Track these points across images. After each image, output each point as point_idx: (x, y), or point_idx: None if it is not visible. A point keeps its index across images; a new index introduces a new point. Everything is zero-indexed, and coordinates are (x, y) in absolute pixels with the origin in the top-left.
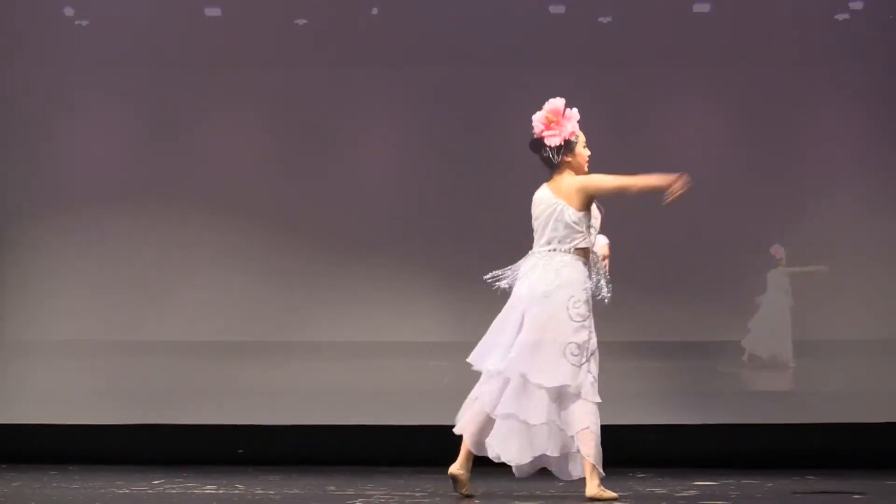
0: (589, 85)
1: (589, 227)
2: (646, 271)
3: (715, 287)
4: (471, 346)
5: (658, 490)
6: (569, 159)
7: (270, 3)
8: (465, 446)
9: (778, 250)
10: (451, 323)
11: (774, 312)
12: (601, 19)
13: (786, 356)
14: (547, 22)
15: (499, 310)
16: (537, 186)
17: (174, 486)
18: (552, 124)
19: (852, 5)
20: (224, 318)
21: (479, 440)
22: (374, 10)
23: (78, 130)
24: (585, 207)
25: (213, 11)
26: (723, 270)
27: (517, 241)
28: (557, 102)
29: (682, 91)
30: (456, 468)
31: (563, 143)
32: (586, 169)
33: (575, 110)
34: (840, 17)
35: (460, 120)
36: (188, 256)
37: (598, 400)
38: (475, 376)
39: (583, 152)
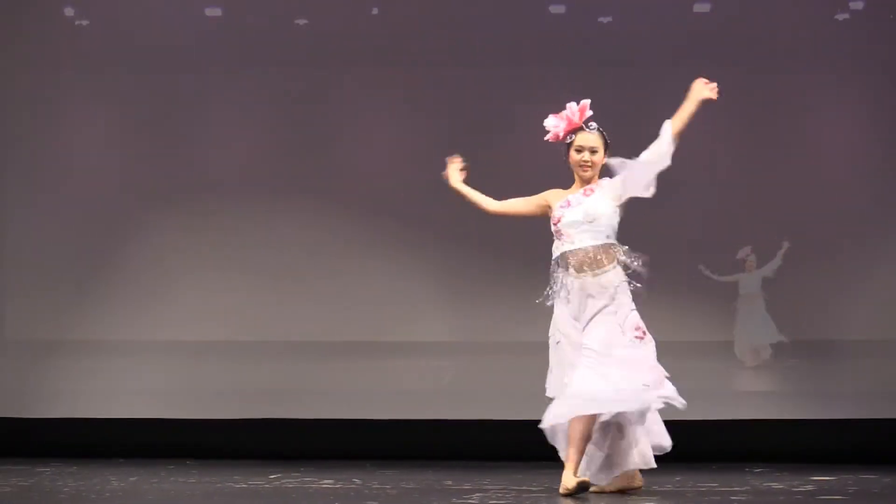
0: (589, 85)
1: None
2: None
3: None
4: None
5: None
6: (567, 159)
7: (270, 3)
8: None
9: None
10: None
11: (753, 314)
12: (601, 19)
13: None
14: (547, 22)
15: (511, 309)
16: (538, 186)
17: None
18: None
19: (852, 5)
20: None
21: None
22: (374, 10)
23: (78, 130)
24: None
25: (213, 11)
26: None
27: (520, 240)
28: (573, 104)
29: (681, 91)
30: None
31: (556, 142)
32: (578, 172)
33: (576, 112)
34: (840, 17)
35: (461, 120)
36: (192, 255)
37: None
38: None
39: (572, 155)
